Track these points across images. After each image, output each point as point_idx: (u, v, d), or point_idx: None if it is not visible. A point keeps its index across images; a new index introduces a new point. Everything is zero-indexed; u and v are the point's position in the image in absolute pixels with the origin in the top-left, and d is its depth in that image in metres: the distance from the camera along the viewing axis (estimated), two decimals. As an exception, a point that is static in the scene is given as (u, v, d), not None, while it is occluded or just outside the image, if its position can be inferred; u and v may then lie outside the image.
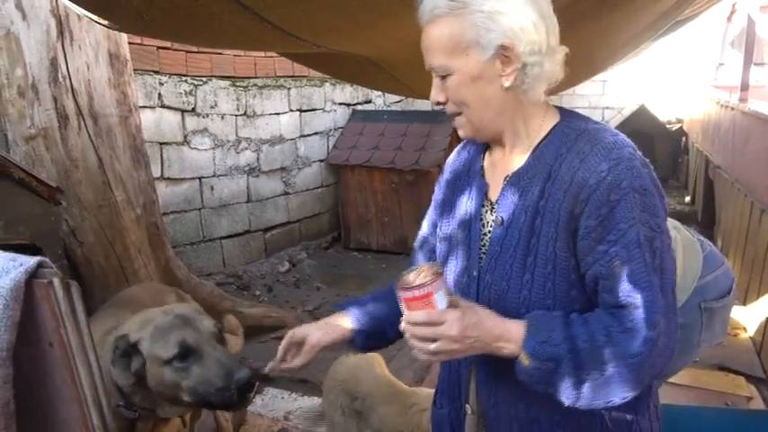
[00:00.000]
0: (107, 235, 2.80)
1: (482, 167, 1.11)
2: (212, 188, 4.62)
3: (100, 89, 2.80)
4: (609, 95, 9.13)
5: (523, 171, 1.00)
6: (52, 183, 2.14)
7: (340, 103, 6.04)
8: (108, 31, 2.81)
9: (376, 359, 2.23)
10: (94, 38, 2.77)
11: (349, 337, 1.21)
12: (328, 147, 5.90)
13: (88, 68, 2.74)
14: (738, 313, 3.50)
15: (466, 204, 1.10)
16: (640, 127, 8.23)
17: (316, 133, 5.73)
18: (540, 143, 1.00)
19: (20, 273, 0.63)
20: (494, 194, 1.06)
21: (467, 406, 1.09)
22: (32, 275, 0.64)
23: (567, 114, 1.03)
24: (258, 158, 5.05)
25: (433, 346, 0.91)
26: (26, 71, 2.59)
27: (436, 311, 0.92)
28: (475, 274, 1.04)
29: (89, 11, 1.76)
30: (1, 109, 2.65)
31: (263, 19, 1.60)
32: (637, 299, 0.89)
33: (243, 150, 4.89)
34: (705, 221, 5.65)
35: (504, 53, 0.93)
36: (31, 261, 0.64)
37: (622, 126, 8.40)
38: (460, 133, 1.05)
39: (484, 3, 0.91)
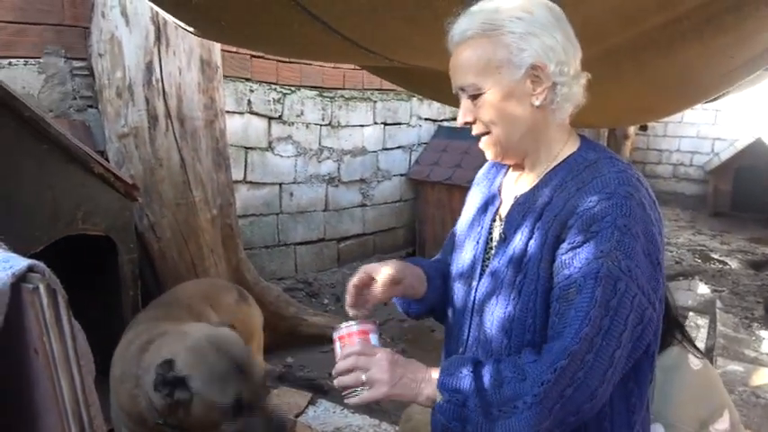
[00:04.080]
0: (182, 232, 2.91)
1: (501, 184, 1.17)
2: (291, 194, 4.71)
3: (189, 93, 2.93)
4: (721, 126, 8.40)
5: (530, 194, 1.05)
6: (129, 179, 2.24)
7: (425, 119, 5.98)
8: (202, 39, 2.94)
9: None
10: (188, 45, 2.91)
11: (419, 297, 1.22)
12: (410, 161, 5.85)
13: (180, 73, 2.88)
14: None
15: (480, 217, 1.17)
16: (755, 162, 7.48)
17: (398, 147, 5.71)
18: (552, 169, 1.04)
19: (7, 276, 0.62)
20: (504, 211, 1.10)
21: None
22: (21, 279, 0.63)
23: (586, 145, 1.06)
24: (339, 168, 5.10)
25: (365, 375, 0.96)
26: (125, 73, 2.76)
27: (371, 344, 1.02)
28: (474, 284, 1.09)
29: (172, 14, 1.83)
30: (101, 107, 2.86)
31: (332, 30, 1.57)
32: (566, 329, 0.88)
33: (324, 159, 4.95)
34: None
35: (536, 72, 0.97)
36: (21, 264, 0.63)
37: (735, 160, 7.71)
38: (488, 155, 1.09)
39: (516, 25, 0.96)
